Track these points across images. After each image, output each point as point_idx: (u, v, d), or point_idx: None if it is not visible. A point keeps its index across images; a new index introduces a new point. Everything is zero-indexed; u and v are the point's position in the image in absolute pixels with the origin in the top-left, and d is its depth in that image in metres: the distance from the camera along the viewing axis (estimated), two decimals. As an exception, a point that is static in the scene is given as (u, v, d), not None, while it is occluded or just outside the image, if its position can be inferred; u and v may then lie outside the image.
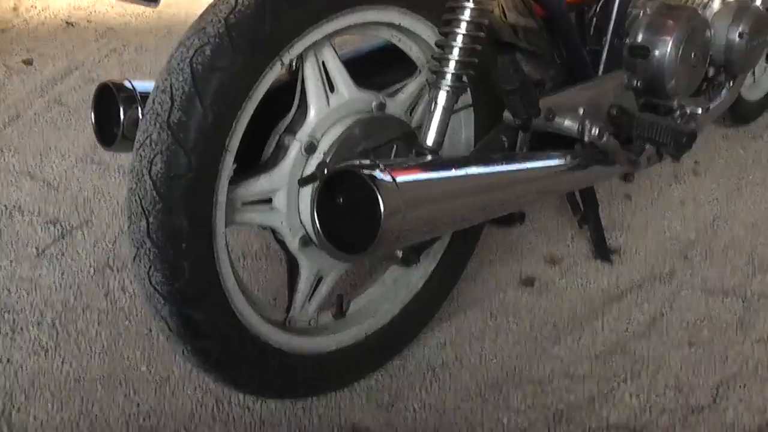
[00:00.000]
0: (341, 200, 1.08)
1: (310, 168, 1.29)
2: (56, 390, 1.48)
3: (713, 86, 1.87)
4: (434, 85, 1.30)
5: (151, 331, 1.63)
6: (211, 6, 1.14)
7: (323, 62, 1.29)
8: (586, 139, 1.47)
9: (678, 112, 1.69)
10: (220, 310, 1.23)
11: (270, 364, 1.34)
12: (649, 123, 1.52)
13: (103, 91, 1.38)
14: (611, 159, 1.53)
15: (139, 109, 1.35)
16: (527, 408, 1.47)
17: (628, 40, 1.64)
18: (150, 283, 1.17)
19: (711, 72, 1.86)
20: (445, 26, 1.29)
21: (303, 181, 1.25)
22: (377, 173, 1.05)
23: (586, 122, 1.46)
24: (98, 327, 1.64)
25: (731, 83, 1.92)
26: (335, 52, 1.31)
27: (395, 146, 1.36)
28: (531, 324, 1.69)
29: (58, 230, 1.94)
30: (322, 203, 1.09)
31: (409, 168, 1.13)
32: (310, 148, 1.29)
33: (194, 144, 1.11)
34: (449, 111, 1.29)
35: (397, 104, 1.41)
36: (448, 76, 1.29)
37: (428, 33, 1.37)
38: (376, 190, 1.03)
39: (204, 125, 1.11)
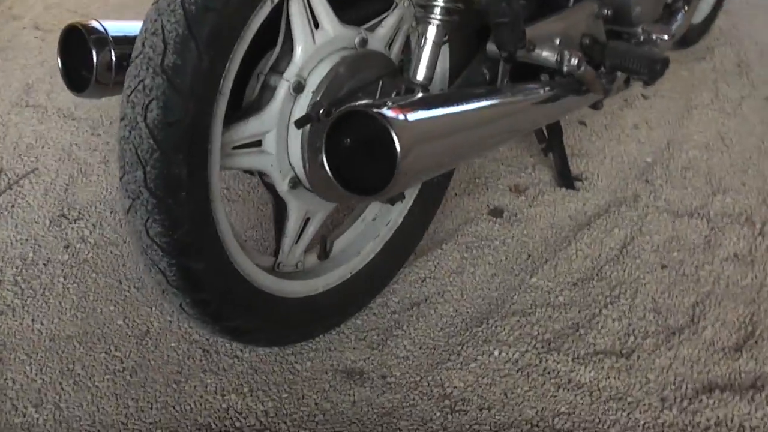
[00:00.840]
0: (350, 141, 1.04)
1: (300, 107, 1.25)
2: (31, 351, 1.42)
3: (671, 11, 1.88)
4: (423, 20, 1.26)
5: (121, 283, 1.57)
6: None
7: (306, -1, 1.24)
8: (564, 69, 1.46)
9: (643, 39, 1.70)
10: (218, 259, 1.19)
11: (264, 311, 1.31)
12: (623, 51, 1.52)
13: (71, 33, 1.29)
14: (587, 87, 1.52)
15: (112, 51, 1.27)
16: (515, 339, 1.48)
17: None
18: (147, 235, 1.11)
19: (670, -3, 1.87)
20: None
21: (299, 123, 1.21)
22: (389, 112, 1.02)
23: (564, 52, 1.45)
24: (64, 281, 1.57)
25: (686, 7, 1.93)
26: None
27: (381, 83, 1.33)
28: (506, 255, 1.70)
29: (3, 180, 1.84)
30: (331, 146, 1.05)
31: (417, 105, 1.09)
32: (298, 88, 1.24)
33: (191, 88, 1.05)
34: (439, 45, 1.26)
35: (377, 39, 1.37)
36: (437, 10, 1.25)
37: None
38: (390, 129, 1.00)
39: (199, 68, 1.06)
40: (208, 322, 1.24)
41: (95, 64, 1.26)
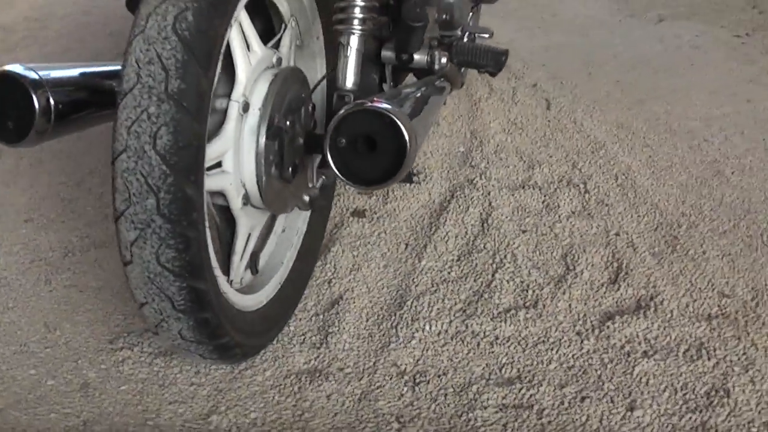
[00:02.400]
0: (353, 140, 1.15)
1: (249, 126, 1.32)
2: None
3: (474, 12, 2.15)
4: (345, 31, 1.39)
5: (29, 347, 1.52)
6: None
7: (240, 23, 1.32)
8: (435, 67, 1.65)
9: (467, 39, 1.94)
10: (212, 278, 1.23)
11: (238, 325, 1.36)
12: (470, 49, 1.75)
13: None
14: (450, 83, 1.73)
15: (50, 97, 1.26)
16: (437, 314, 1.64)
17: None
18: (158, 263, 1.13)
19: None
20: None
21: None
22: (391, 107, 1.14)
23: (435, 54, 1.64)
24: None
25: (479, 9, 2.22)
26: (246, 11, 1.34)
27: (303, 95, 1.44)
28: (388, 248, 1.86)
29: None
30: (334, 146, 1.15)
31: (398, 100, 1.23)
32: (245, 107, 1.32)
33: (197, 110, 1.10)
34: (361, 52, 1.39)
35: (285, 57, 1.47)
36: (356, 21, 1.38)
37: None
38: (399, 122, 1.13)
39: (201, 90, 1.11)
40: (204, 343, 1.27)
41: (36, 111, 1.24)
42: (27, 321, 1.63)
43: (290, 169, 1.37)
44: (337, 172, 1.15)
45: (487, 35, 1.94)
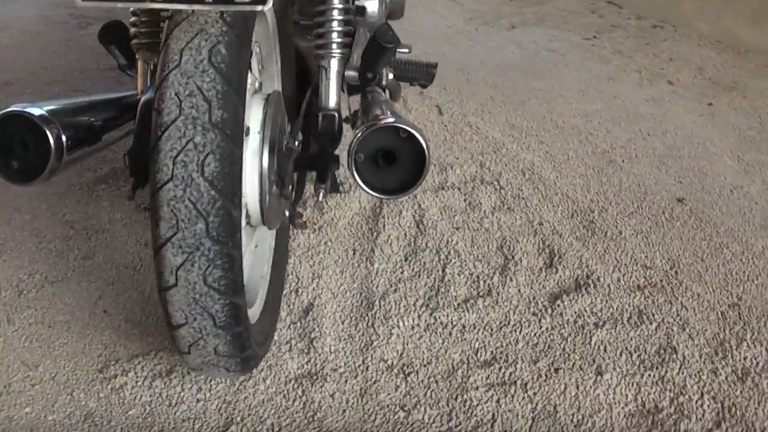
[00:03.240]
0: (365, 156, 1.27)
1: (251, 149, 1.40)
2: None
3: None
4: (325, 56, 1.50)
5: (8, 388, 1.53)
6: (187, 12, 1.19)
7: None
8: (384, 83, 1.78)
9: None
10: (245, 292, 1.31)
11: (253, 337, 1.44)
12: (405, 63, 1.90)
13: (6, 122, 1.27)
14: (392, 95, 1.87)
15: (61, 132, 1.29)
16: (405, 310, 1.76)
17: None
18: (204, 284, 1.20)
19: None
20: (319, 16, 1.49)
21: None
22: (404, 123, 1.27)
23: (383, 70, 1.77)
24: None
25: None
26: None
27: (285, 117, 1.53)
28: (339, 255, 1.96)
29: None
30: (359, 163, 1.26)
31: (396, 115, 1.35)
32: (246, 131, 1.40)
33: (237, 137, 1.19)
34: (341, 74, 1.51)
35: (262, 81, 1.56)
36: (334, 45, 1.50)
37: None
38: (417, 135, 1.26)
39: (239, 117, 1.19)
40: (235, 356, 1.34)
41: (52, 148, 1.27)
42: (2, 362, 1.61)
43: (290, 186, 1.46)
44: (363, 186, 1.26)
45: (407, 50, 2.08)
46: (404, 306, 1.77)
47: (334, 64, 1.49)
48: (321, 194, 1.50)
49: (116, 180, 2.23)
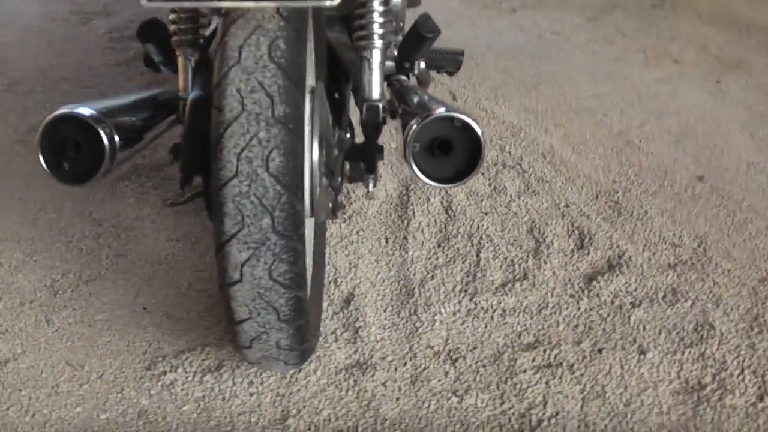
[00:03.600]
0: (432, 145, 1.28)
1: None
2: None
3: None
4: (368, 46, 1.50)
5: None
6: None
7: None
8: (416, 72, 1.79)
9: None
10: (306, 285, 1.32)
11: (312, 332, 1.45)
12: (433, 51, 1.90)
13: (57, 124, 1.28)
14: (422, 83, 1.88)
15: (114, 134, 1.29)
16: (445, 297, 1.78)
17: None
18: (270, 278, 1.21)
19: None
20: (360, 7, 1.49)
21: None
22: (459, 112, 1.28)
23: (416, 61, 1.78)
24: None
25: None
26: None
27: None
28: (372, 244, 1.98)
29: None
30: (415, 153, 1.27)
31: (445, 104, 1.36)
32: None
33: (300, 131, 1.19)
34: (384, 65, 1.52)
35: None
36: (376, 36, 1.50)
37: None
38: (473, 124, 1.27)
39: (300, 111, 1.20)
40: (296, 349, 1.35)
41: (106, 148, 1.27)
42: (46, 363, 1.61)
43: (339, 178, 1.47)
44: (421, 175, 1.27)
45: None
46: (444, 292, 1.79)
47: (376, 55, 1.49)
48: (371, 184, 1.51)
49: (138, 176, 2.22)
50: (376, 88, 1.50)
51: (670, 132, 2.50)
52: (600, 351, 1.62)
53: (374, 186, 1.52)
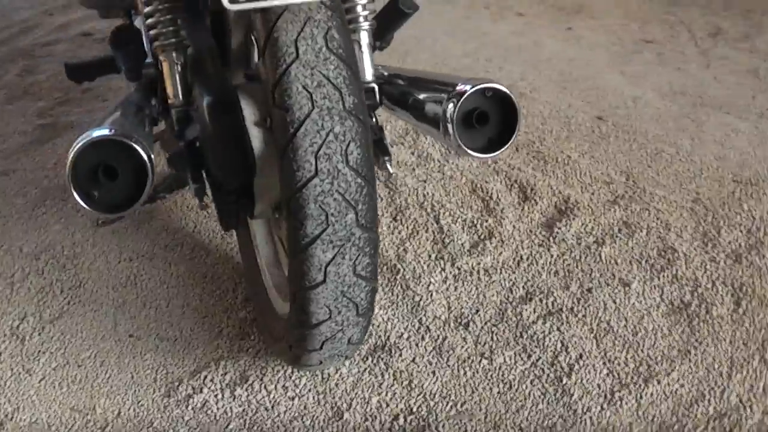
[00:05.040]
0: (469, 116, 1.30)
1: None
2: None
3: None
4: (356, 29, 1.48)
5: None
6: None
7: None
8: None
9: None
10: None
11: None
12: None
13: (88, 153, 1.18)
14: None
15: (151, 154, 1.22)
16: (429, 269, 1.82)
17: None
18: (354, 273, 1.19)
19: None
20: None
21: None
22: (496, 83, 1.31)
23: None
24: None
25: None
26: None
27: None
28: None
29: None
30: (463, 132, 1.29)
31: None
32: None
33: (367, 120, 1.18)
34: (372, 46, 1.51)
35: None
36: (362, 18, 1.49)
37: None
38: (515, 101, 1.30)
39: (363, 100, 1.18)
40: (362, 342, 1.35)
41: (149, 176, 1.19)
42: (49, 415, 1.50)
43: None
44: (470, 151, 1.29)
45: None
46: (425, 263, 1.82)
47: (365, 37, 1.48)
48: (389, 164, 1.50)
49: (53, 199, 2.06)
50: (368, 69, 1.49)
51: (551, 80, 2.65)
52: (589, 290, 1.73)
53: (391, 166, 1.52)
